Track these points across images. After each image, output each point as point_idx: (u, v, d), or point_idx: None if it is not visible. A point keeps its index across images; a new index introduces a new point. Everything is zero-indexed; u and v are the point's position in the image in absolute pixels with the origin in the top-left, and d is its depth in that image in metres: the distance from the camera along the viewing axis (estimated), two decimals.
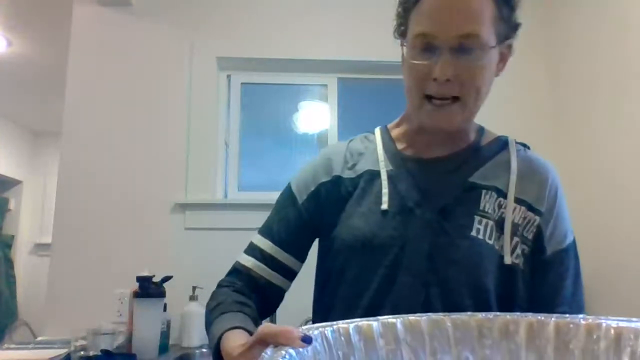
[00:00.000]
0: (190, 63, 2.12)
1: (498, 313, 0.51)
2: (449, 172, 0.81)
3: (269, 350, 0.42)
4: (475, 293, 0.74)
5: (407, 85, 0.79)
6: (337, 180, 0.86)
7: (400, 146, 0.86)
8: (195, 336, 1.80)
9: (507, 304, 0.76)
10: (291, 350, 0.40)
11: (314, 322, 0.49)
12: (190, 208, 2.01)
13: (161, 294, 1.58)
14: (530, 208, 0.79)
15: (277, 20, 2.20)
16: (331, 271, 0.84)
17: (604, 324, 0.45)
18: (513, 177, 0.80)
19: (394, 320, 0.50)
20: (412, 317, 0.50)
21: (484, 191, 0.79)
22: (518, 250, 0.77)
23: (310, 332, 0.44)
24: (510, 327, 0.49)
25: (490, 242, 0.76)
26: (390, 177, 0.82)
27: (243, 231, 2.05)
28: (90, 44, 2.11)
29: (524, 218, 0.78)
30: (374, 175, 0.83)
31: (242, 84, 2.27)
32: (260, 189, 2.18)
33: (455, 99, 0.75)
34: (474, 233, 0.76)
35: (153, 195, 2.00)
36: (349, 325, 0.48)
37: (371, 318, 0.50)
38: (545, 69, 2.28)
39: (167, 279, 1.61)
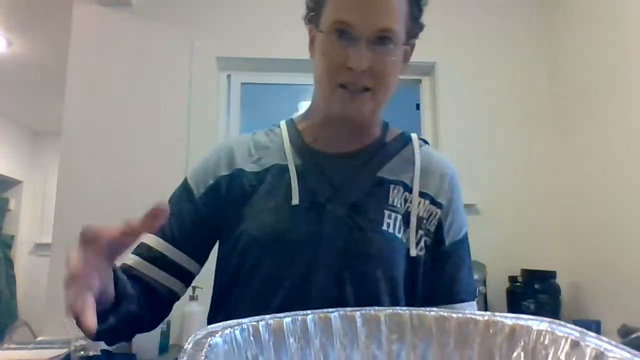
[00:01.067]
0: (190, 63, 2.12)
1: (405, 308, 0.52)
2: (358, 167, 0.81)
3: (190, 343, 0.41)
4: (390, 288, 0.76)
5: (319, 72, 0.78)
6: (239, 173, 0.81)
7: (307, 139, 0.84)
8: None
9: (411, 295, 0.79)
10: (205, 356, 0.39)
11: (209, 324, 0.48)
12: None
13: None
14: (433, 201, 0.82)
15: (277, 20, 2.20)
16: (237, 270, 0.78)
17: (500, 321, 0.47)
18: (417, 172, 0.82)
19: (304, 316, 0.50)
20: (322, 313, 0.51)
21: (392, 186, 0.80)
22: (422, 243, 0.80)
23: (219, 333, 0.43)
24: (414, 321, 0.51)
25: (400, 235, 0.78)
26: (299, 172, 0.79)
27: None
28: (90, 44, 2.11)
29: (428, 211, 0.81)
30: (282, 169, 0.80)
31: (242, 84, 2.27)
32: None
33: (366, 89, 0.75)
34: (384, 227, 0.77)
35: (153, 195, 2.00)
36: (259, 323, 0.48)
37: (281, 315, 0.50)
38: (545, 69, 2.28)
39: None
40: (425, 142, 0.90)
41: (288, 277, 0.75)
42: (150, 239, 0.79)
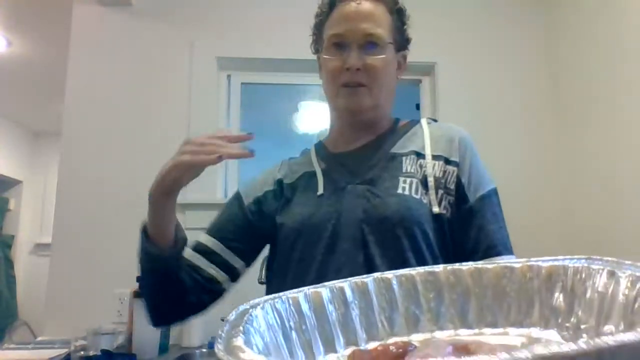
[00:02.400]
0: (190, 63, 2.12)
1: (439, 266, 0.53)
2: (372, 151, 0.93)
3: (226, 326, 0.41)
4: (413, 244, 0.82)
5: (325, 81, 0.95)
6: (280, 185, 0.98)
7: (330, 148, 1.00)
8: (195, 336, 1.80)
9: (446, 252, 0.85)
10: (248, 325, 0.40)
11: None
12: (190, 208, 2.00)
13: None
14: (447, 161, 0.89)
15: (277, 20, 2.20)
16: (279, 260, 0.93)
17: (536, 265, 0.47)
18: (427, 140, 0.91)
19: (341, 284, 0.51)
20: (358, 279, 0.52)
21: (404, 157, 0.90)
22: (444, 202, 0.86)
23: (260, 305, 0.44)
24: (450, 278, 0.51)
25: (417, 196, 0.84)
26: (324, 171, 0.94)
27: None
28: (90, 44, 2.11)
29: (444, 171, 0.88)
30: (311, 174, 0.95)
31: (242, 84, 2.27)
32: None
33: (363, 85, 0.89)
34: (399, 191, 0.85)
35: None
36: (298, 294, 0.49)
37: (319, 285, 0.51)
38: (545, 69, 2.28)
39: None
40: (435, 120, 1.00)
41: (317, 253, 0.85)
42: (204, 238, 0.98)
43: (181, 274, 0.90)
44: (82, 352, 1.51)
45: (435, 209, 0.84)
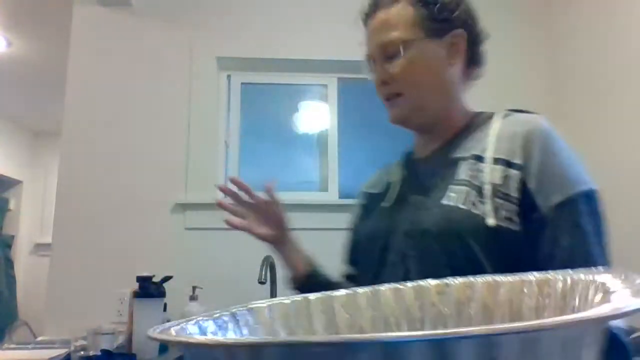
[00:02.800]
0: (190, 63, 2.12)
1: (457, 278, 0.50)
2: (438, 156, 0.88)
3: None
4: (452, 262, 0.74)
5: None
6: (369, 197, 0.99)
7: (415, 155, 0.96)
8: None
9: (505, 269, 0.73)
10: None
11: None
12: (190, 208, 2.00)
13: (161, 294, 1.58)
14: (508, 164, 0.75)
15: (277, 20, 2.20)
16: (357, 269, 0.96)
17: (554, 278, 0.43)
18: (491, 139, 0.79)
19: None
20: (371, 290, 0.52)
21: (460, 162, 0.81)
22: (505, 213, 0.73)
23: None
24: (467, 292, 0.49)
25: (464, 206, 0.75)
26: (401, 181, 0.91)
27: (243, 231, 2.05)
28: (90, 44, 2.11)
29: (505, 177, 0.74)
30: (391, 184, 0.93)
31: (242, 84, 2.27)
32: (260, 189, 2.18)
33: (399, 94, 0.86)
34: (445, 201, 0.78)
35: (153, 195, 2.00)
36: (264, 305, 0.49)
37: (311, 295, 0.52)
38: (545, 67, 2.28)
39: (167, 279, 1.61)
40: (519, 110, 0.85)
41: (373, 265, 0.86)
42: (344, 268, 1.01)
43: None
44: (82, 352, 1.51)
45: (490, 221, 0.72)
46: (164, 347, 1.66)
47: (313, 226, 2.04)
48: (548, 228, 0.71)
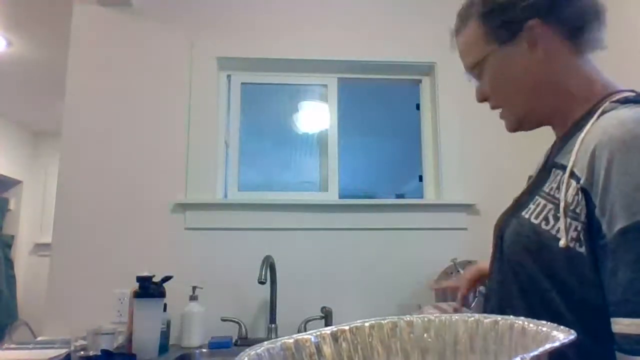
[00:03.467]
0: (190, 63, 2.12)
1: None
2: (547, 157, 0.86)
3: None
4: (518, 279, 0.73)
5: None
6: None
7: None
8: (195, 336, 1.80)
9: (568, 290, 0.67)
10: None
11: None
12: (190, 208, 2.00)
13: (161, 294, 1.58)
14: (579, 181, 0.67)
15: (277, 20, 2.20)
16: None
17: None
18: (576, 147, 0.69)
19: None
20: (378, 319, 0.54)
21: (554, 169, 0.75)
22: (572, 232, 0.66)
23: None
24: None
25: (536, 221, 0.71)
26: (530, 178, 0.91)
27: (243, 231, 2.05)
28: (90, 44, 2.11)
29: (575, 195, 0.67)
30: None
31: (242, 84, 2.27)
32: (261, 189, 2.18)
33: (500, 106, 0.88)
34: (524, 213, 0.74)
35: (153, 195, 2.00)
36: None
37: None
38: None
39: (167, 279, 1.61)
40: (631, 101, 0.71)
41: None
42: None
43: None
44: (82, 352, 1.51)
45: (562, 242, 0.65)
46: (164, 347, 1.66)
47: (313, 226, 2.04)
48: (609, 258, 0.62)
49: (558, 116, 0.81)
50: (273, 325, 1.87)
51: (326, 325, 1.87)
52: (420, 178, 2.25)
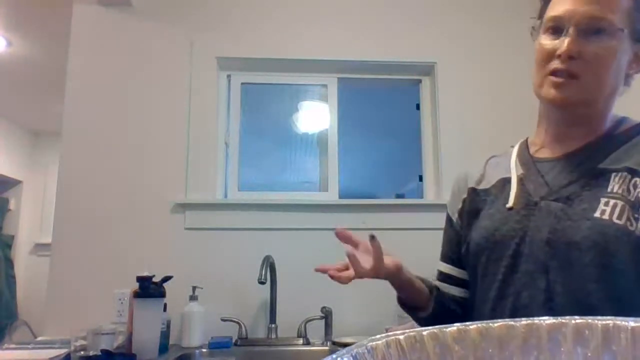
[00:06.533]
0: (190, 63, 2.12)
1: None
2: (578, 164, 0.82)
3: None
4: (603, 275, 0.73)
5: (534, 69, 0.85)
6: (472, 192, 0.94)
7: (533, 149, 0.91)
8: (195, 336, 1.80)
9: None
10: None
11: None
12: (190, 208, 2.00)
13: (161, 294, 1.58)
14: None
15: (277, 20, 2.20)
16: (470, 272, 0.93)
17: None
18: None
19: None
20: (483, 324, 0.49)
21: (613, 174, 0.76)
22: None
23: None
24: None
25: (620, 222, 0.72)
26: (520, 180, 0.86)
27: (243, 231, 2.05)
28: (90, 44, 2.11)
29: None
30: (506, 181, 0.88)
31: (242, 84, 2.27)
32: (260, 189, 2.18)
33: (575, 77, 0.78)
34: (597, 214, 0.74)
35: (153, 195, 2.00)
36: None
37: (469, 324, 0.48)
38: None
39: (167, 279, 1.61)
40: None
41: (499, 271, 0.82)
42: (440, 265, 1.01)
43: (445, 301, 0.96)
44: (82, 352, 1.51)
45: None
46: (164, 347, 1.66)
47: (313, 226, 2.04)
48: None
49: (591, 123, 0.84)
50: (273, 325, 1.87)
51: (326, 325, 1.87)
52: (420, 178, 2.25)
